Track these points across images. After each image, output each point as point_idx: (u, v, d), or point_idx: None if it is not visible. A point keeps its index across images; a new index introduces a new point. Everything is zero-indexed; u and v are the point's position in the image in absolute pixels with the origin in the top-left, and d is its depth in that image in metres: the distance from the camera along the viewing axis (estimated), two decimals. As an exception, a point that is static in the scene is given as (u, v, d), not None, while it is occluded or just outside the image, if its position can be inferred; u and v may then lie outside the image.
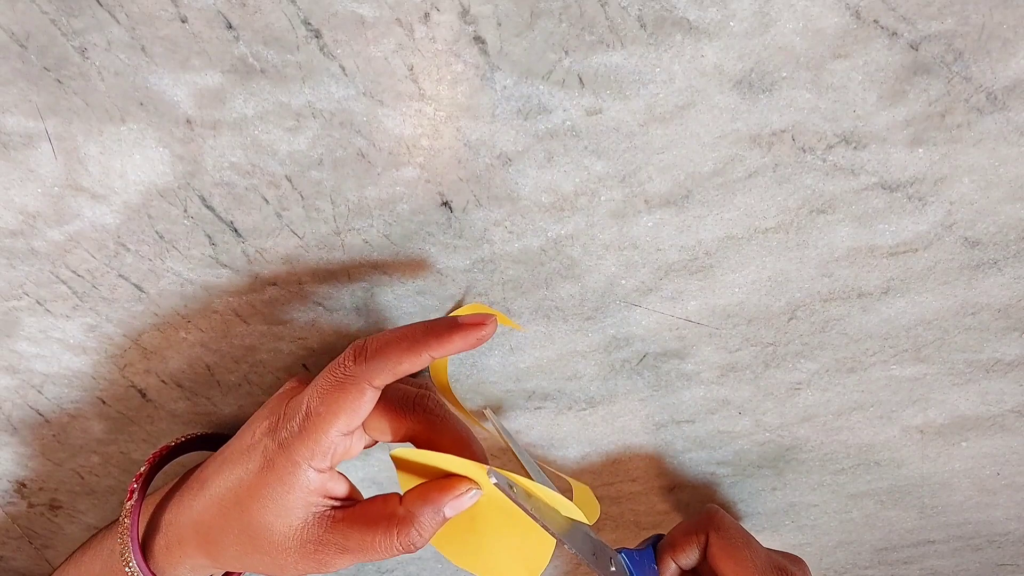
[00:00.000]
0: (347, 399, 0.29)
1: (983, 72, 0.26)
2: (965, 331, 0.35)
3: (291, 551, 0.30)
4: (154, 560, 0.33)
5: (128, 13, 0.24)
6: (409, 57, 0.25)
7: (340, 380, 0.29)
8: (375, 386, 0.29)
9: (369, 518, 0.30)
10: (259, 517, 0.30)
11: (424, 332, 0.29)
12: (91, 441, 0.40)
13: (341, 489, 0.31)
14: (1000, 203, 0.30)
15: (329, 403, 0.29)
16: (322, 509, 0.30)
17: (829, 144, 0.28)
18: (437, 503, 0.30)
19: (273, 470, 0.30)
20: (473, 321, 0.29)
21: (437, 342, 0.28)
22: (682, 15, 0.25)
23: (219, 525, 0.31)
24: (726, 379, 0.38)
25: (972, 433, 0.41)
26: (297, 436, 0.29)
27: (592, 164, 0.29)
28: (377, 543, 0.30)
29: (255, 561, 0.31)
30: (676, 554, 0.38)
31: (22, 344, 0.35)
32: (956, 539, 0.52)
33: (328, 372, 0.29)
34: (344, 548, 0.30)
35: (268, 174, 0.29)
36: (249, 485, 0.30)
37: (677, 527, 0.39)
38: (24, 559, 0.48)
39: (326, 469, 0.30)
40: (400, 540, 0.30)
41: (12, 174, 0.28)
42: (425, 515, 0.30)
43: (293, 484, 0.29)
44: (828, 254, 0.32)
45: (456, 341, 0.28)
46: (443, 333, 0.28)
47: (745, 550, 0.37)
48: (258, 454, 0.30)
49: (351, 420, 0.29)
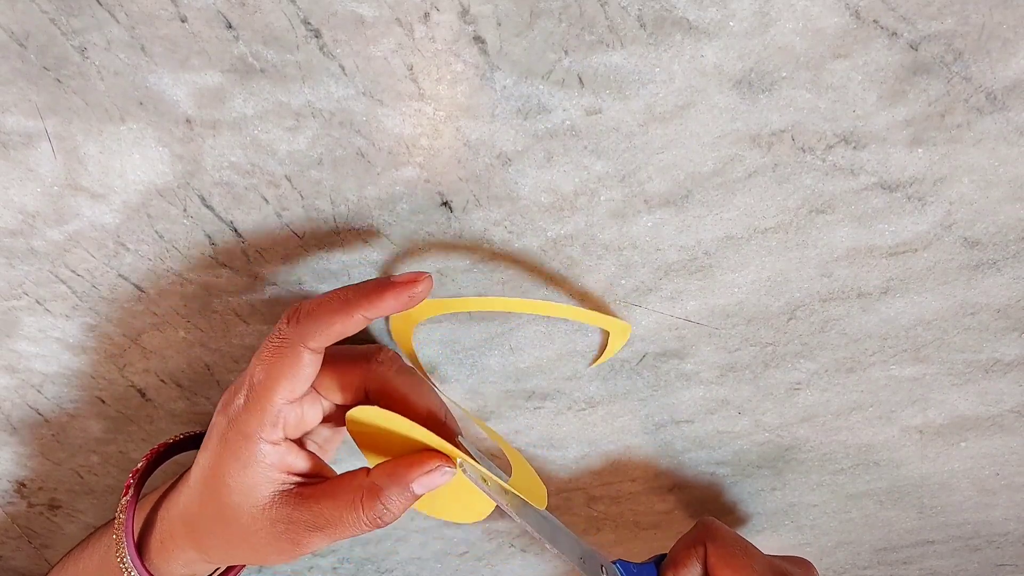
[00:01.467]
0: (285, 364, 0.28)
1: (983, 72, 0.26)
2: (964, 331, 0.35)
3: (263, 532, 0.30)
4: (149, 557, 0.33)
5: (128, 12, 0.24)
6: (409, 57, 0.25)
7: (277, 346, 0.28)
8: (311, 348, 0.28)
9: (335, 492, 0.29)
10: (227, 499, 0.30)
11: (356, 292, 0.28)
12: (90, 441, 0.40)
13: (302, 464, 0.31)
14: (1000, 203, 0.30)
15: (268, 370, 0.28)
16: (288, 487, 0.30)
17: (829, 144, 0.28)
18: (404, 478, 0.29)
19: (228, 447, 0.29)
20: (405, 279, 0.28)
21: (368, 301, 0.28)
22: (682, 15, 0.25)
23: (200, 515, 0.31)
24: (726, 379, 0.38)
25: (971, 433, 0.41)
26: (244, 409, 0.29)
27: (592, 164, 0.29)
28: (344, 518, 0.29)
29: (235, 549, 0.31)
30: (678, 570, 0.37)
31: (22, 344, 0.35)
32: (955, 539, 0.52)
33: (267, 340, 0.29)
34: (314, 525, 0.29)
35: (268, 174, 0.29)
36: (212, 467, 0.30)
37: (676, 544, 0.39)
38: (23, 558, 0.48)
39: (279, 440, 0.29)
40: (367, 514, 0.29)
41: (12, 174, 0.28)
42: (392, 490, 0.29)
43: (248, 459, 0.29)
44: (828, 254, 0.32)
45: (388, 300, 0.28)
46: (374, 292, 0.28)
47: (744, 557, 0.36)
48: (215, 435, 0.30)
49: (293, 385, 0.29)
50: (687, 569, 0.37)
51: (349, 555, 0.50)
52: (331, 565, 0.51)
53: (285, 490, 0.30)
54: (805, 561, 0.39)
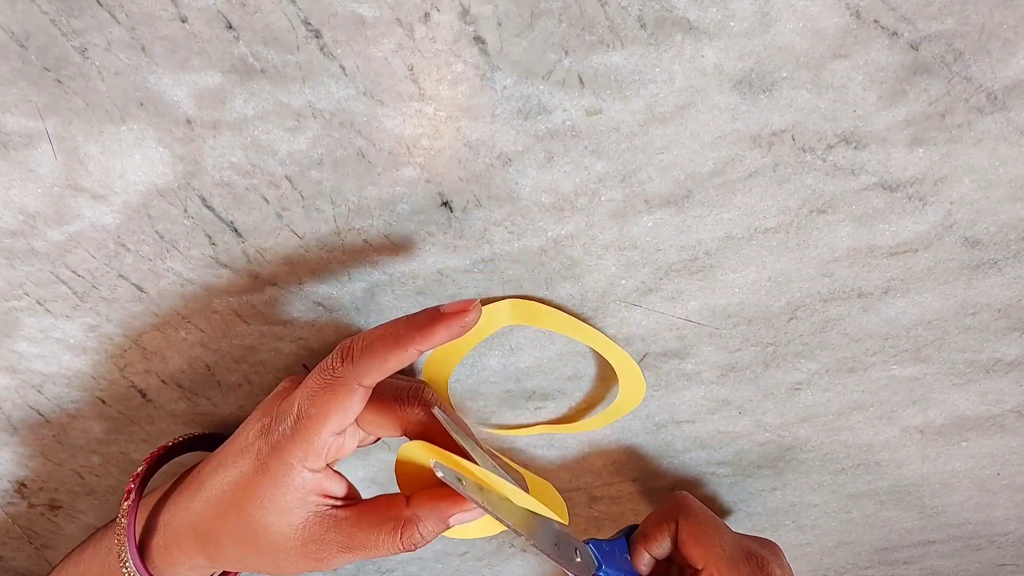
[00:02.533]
0: (337, 400, 0.29)
1: (983, 72, 0.26)
2: (965, 331, 0.35)
3: (292, 550, 0.30)
4: (151, 560, 0.33)
5: (128, 13, 0.24)
6: (409, 57, 0.25)
7: (329, 382, 0.29)
8: (364, 385, 0.29)
9: (375, 518, 0.30)
10: (258, 518, 0.30)
11: (407, 326, 0.29)
12: (91, 441, 0.40)
13: (339, 489, 0.32)
14: (1000, 203, 0.30)
15: (320, 405, 0.29)
16: (323, 508, 0.31)
17: (829, 144, 0.28)
18: (444, 513, 0.30)
19: (267, 472, 0.30)
20: (455, 309, 0.29)
21: (421, 335, 0.28)
22: (682, 15, 0.25)
23: (216, 526, 0.31)
24: (726, 379, 0.38)
25: (972, 433, 0.41)
26: (289, 438, 0.29)
27: (592, 164, 0.29)
28: (381, 542, 0.30)
29: (254, 560, 0.31)
30: (648, 544, 0.37)
31: (22, 344, 0.35)
32: (956, 539, 0.52)
33: (317, 374, 0.29)
34: (347, 547, 0.30)
35: (268, 174, 0.29)
36: (245, 487, 0.30)
37: (648, 517, 0.39)
38: (24, 559, 0.48)
39: (320, 469, 0.30)
40: (403, 540, 0.30)
41: (12, 174, 0.28)
42: (431, 521, 0.30)
43: (289, 485, 0.30)
44: (828, 254, 0.32)
45: (440, 331, 0.28)
46: (426, 325, 0.28)
47: (714, 535, 0.36)
48: (252, 456, 0.30)
49: (342, 420, 0.29)
50: (657, 543, 0.37)
51: (350, 555, 0.50)
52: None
53: (319, 511, 0.31)
54: (772, 543, 0.39)
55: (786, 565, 0.38)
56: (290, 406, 0.30)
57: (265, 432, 0.30)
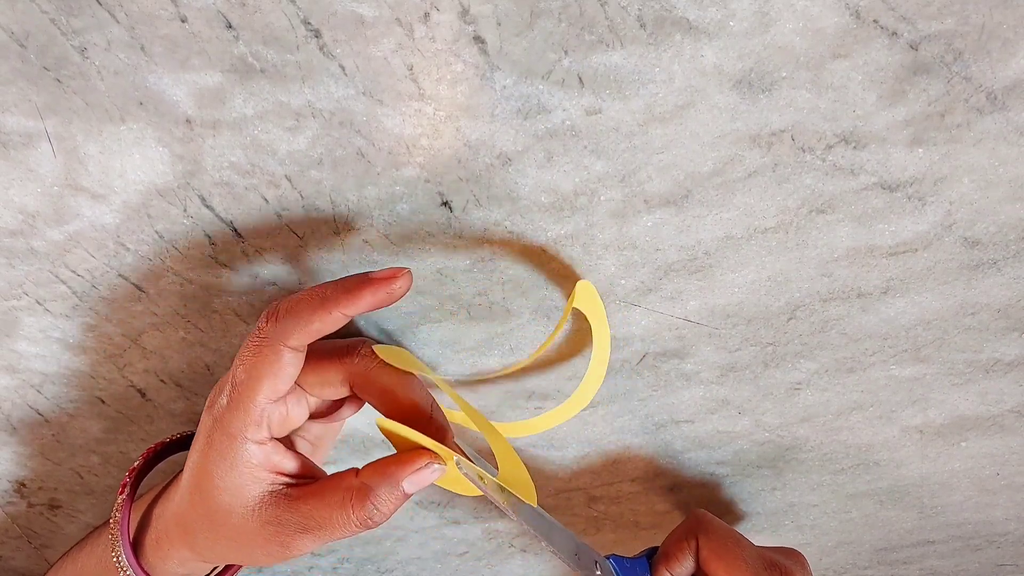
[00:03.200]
0: (265, 363, 0.28)
1: (983, 72, 0.26)
2: (965, 331, 0.35)
3: (253, 533, 0.30)
4: (144, 556, 0.33)
5: (128, 12, 0.24)
6: (409, 57, 0.25)
7: (257, 345, 0.28)
8: (291, 346, 0.28)
9: (324, 493, 0.29)
10: (216, 499, 0.29)
11: (334, 289, 0.28)
12: (90, 441, 0.40)
13: (290, 464, 0.30)
14: (1000, 203, 0.30)
15: (250, 370, 0.28)
16: (277, 487, 0.30)
17: (829, 144, 0.28)
18: (394, 477, 0.29)
19: (213, 447, 0.29)
20: (384, 276, 0.28)
21: (347, 298, 0.28)
22: (682, 15, 0.25)
23: (191, 514, 0.31)
24: (726, 379, 0.38)
25: (972, 433, 0.41)
26: (227, 409, 0.29)
27: (592, 164, 0.29)
28: (334, 519, 0.29)
29: (225, 549, 0.31)
30: (671, 564, 0.37)
31: (22, 344, 0.35)
32: (956, 539, 0.52)
33: (247, 339, 0.29)
34: (303, 527, 0.29)
35: (268, 174, 0.29)
36: (200, 467, 0.30)
37: (668, 537, 0.39)
38: (23, 559, 0.48)
39: (265, 440, 0.29)
40: (356, 515, 0.28)
41: (12, 174, 0.28)
42: (382, 489, 0.29)
43: (235, 459, 0.29)
44: (828, 254, 0.32)
45: (366, 296, 0.28)
46: (353, 288, 0.28)
47: (736, 549, 0.36)
48: (202, 434, 0.30)
49: (275, 384, 0.28)
50: (679, 562, 0.37)
51: (349, 555, 0.50)
52: (331, 565, 0.51)
53: (274, 491, 0.30)
54: (796, 552, 0.39)
55: (810, 573, 0.38)
56: (227, 377, 0.29)
57: (209, 407, 0.30)
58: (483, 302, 0.34)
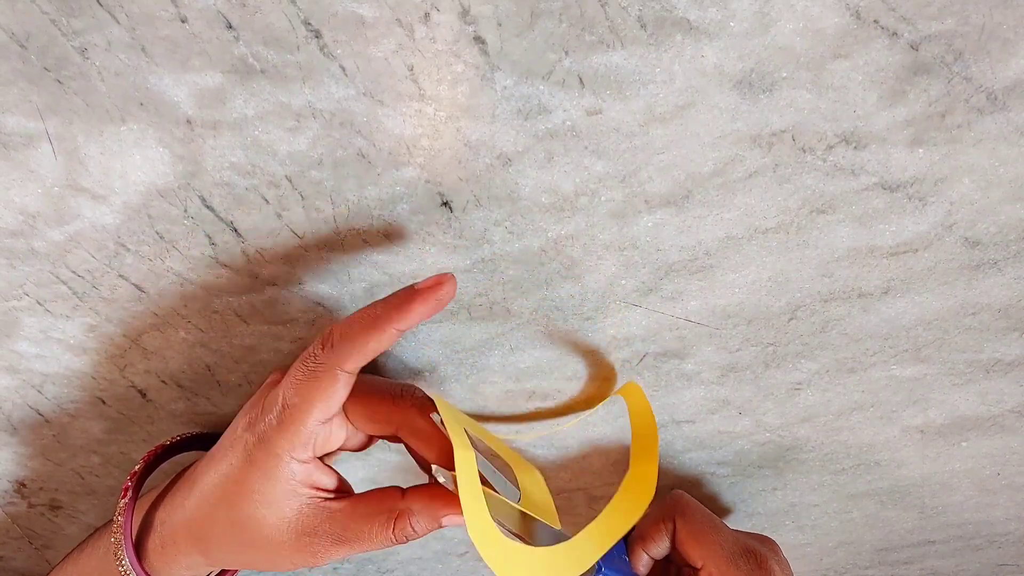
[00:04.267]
0: (320, 388, 0.29)
1: (983, 72, 0.26)
2: (965, 331, 0.35)
3: (285, 543, 0.30)
4: (147, 559, 0.33)
5: (128, 13, 0.24)
6: (409, 57, 0.25)
7: (312, 369, 0.29)
8: (347, 371, 0.29)
9: (369, 509, 0.31)
10: (249, 512, 0.30)
11: (384, 307, 0.29)
12: (91, 441, 0.40)
13: (329, 481, 0.32)
14: (1000, 203, 0.30)
15: (303, 394, 0.29)
16: (315, 500, 0.31)
17: (829, 144, 0.28)
18: (437, 512, 0.31)
19: (255, 464, 0.30)
20: (429, 284, 0.29)
21: (398, 314, 0.28)
22: (682, 15, 0.25)
23: (210, 523, 0.31)
24: (726, 379, 0.38)
25: (972, 433, 0.41)
26: (275, 429, 0.29)
27: (592, 164, 0.29)
28: (374, 534, 0.30)
29: (249, 556, 0.31)
30: (646, 544, 0.37)
31: (22, 344, 0.35)
32: (956, 539, 0.52)
33: (300, 363, 0.30)
34: (340, 539, 0.30)
35: (268, 174, 0.29)
36: (235, 481, 0.30)
37: (645, 517, 0.38)
38: (24, 559, 0.48)
39: (309, 460, 0.30)
40: (396, 532, 0.30)
41: (12, 174, 0.28)
42: (423, 517, 0.31)
43: (277, 477, 0.30)
44: (828, 254, 0.32)
45: (417, 308, 0.28)
46: (402, 303, 0.28)
47: (712, 533, 0.36)
48: (240, 450, 0.30)
49: (327, 408, 0.29)
50: (655, 543, 0.37)
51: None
52: (331, 565, 0.51)
53: (312, 504, 0.31)
54: (770, 539, 0.39)
55: (784, 561, 0.37)
56: (275, 398, 0.30)
57: (251, 426, 0.31)
58: (483, 302, 0.34)
